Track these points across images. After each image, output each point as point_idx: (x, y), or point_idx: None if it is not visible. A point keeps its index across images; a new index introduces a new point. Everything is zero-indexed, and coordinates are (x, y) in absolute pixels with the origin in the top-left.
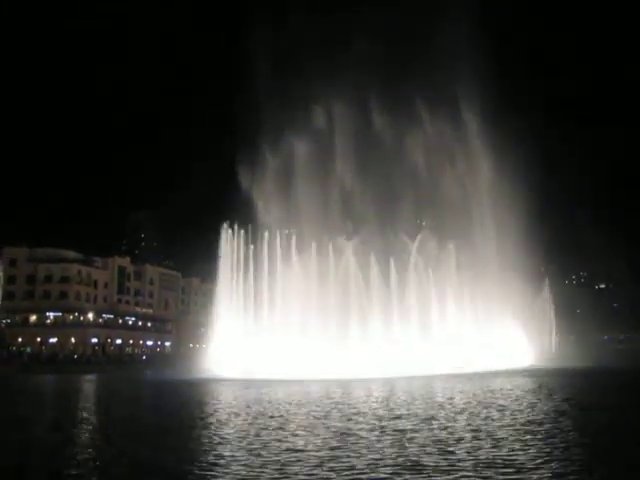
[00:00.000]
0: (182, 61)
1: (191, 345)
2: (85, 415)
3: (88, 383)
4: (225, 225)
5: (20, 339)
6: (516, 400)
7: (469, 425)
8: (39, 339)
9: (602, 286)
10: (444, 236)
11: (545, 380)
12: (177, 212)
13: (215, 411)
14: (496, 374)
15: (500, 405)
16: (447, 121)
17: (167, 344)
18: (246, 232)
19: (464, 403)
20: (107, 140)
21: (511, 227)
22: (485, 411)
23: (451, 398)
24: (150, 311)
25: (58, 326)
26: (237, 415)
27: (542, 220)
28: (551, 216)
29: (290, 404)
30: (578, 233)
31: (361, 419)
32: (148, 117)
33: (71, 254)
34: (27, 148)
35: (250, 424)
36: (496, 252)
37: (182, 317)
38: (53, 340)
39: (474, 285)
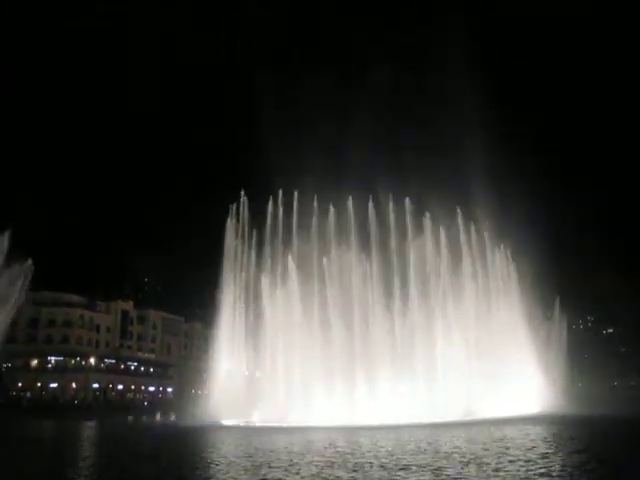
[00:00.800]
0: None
1: (193, 391)
2: (82, 464)
3: (88, 430)
4: (227, 270)
5: (20, 384)
6: (529, 450)
7: (480, 477)
8: (39, 384)
9: (610, 330)
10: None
11: (555, 428)
12: (180, 255)
13: (215, 460)
14: (503, 421)
15: (511, 455)
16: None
17: (169, 390)
18: (247, 276)
19: (472, 453)
20: (107, 172)
21: (518, 275)
22: (495, 462)
23: (458, 447)
24: (152, 356)
25: (59, 371)
26: (238, 465)
27: (549, 265)
28: (557, 261)
29: (292, 453)
30: (584, 278)
31: (367, 469)
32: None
33: (74, 298)
34: (27, 182)
35: (252, 474)
36: (504, 297)
37: (184, 362)
38: (54, 385)
39: (481, 330)
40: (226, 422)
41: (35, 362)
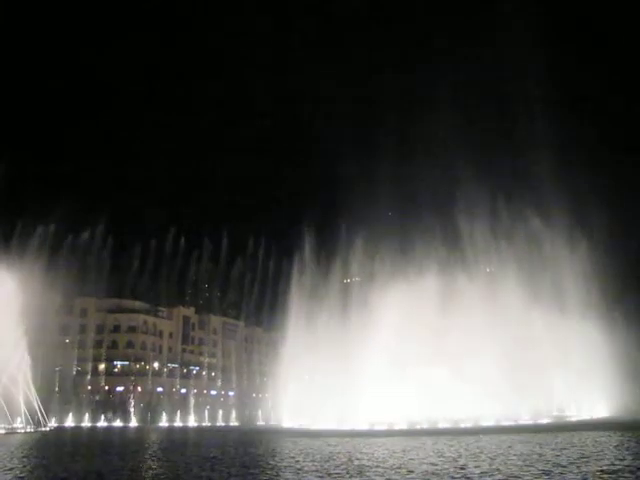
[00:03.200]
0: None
1: (254, 394)
2: (136, 466)
3: (153, 433)
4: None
5: (89, 387)
6: (619, 460)
7: None
8: (107, 387)
9: None
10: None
11: (633, 436)
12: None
13: (281, 466)
14: (573, 426)
15: (596, 465)
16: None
17: (230, 393)
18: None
19: (546, 462)
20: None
21: (580, 274)
22: (580, 473)
23: (529, 455)
24: (214, 360)
25: (125, 375)
26: (307, 472)
27: (612, 263)
28: (620, 259)
29: (358, 460)
30: None
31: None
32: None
33: (138, 304)
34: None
35: None
36: (566, 299)
37: (245, 366)
38: (120, 389)
39: (546, 331)
40: (288, 426)
41: (102, 367)
